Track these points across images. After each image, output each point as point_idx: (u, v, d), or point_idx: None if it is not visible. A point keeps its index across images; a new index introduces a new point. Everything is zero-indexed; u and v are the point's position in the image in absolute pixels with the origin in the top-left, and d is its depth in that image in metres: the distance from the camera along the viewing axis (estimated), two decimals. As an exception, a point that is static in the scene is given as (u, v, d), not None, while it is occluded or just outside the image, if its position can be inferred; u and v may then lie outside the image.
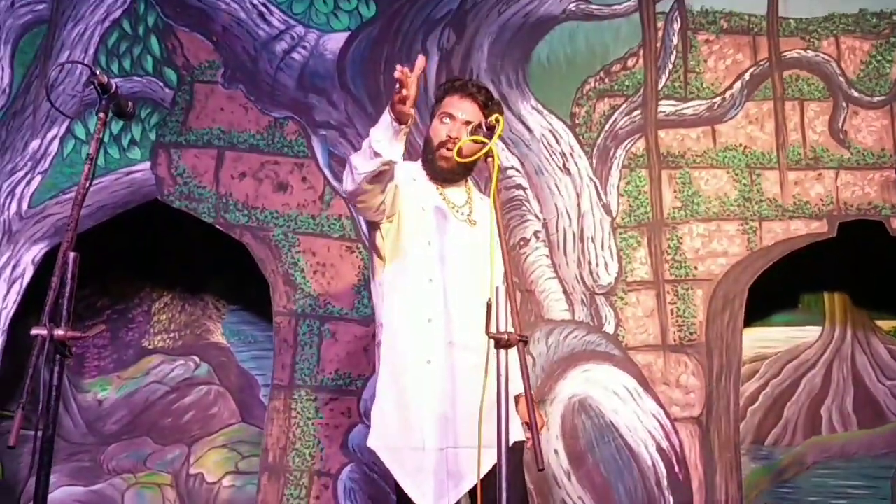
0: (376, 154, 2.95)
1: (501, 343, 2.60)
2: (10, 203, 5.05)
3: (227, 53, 5.29)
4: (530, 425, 2.65)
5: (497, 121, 2.93)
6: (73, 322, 2.40)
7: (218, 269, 5.70)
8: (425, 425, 3.16)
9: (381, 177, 3.06)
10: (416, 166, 3.51)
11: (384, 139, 2.95)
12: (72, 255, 2.42)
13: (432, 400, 3.18)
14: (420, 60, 2.87)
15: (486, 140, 2.93)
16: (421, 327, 3.24)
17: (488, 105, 3.41)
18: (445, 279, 3.27)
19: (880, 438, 5.36)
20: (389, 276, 3.34)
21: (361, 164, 3.03)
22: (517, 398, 3.35)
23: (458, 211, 3.41)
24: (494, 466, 2.76)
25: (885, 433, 5.36)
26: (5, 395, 5.12)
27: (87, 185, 2.56)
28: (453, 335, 3.23)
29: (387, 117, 2.94)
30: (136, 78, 5.24)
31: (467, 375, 3.15)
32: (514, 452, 3.11)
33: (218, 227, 5.09)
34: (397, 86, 2.84)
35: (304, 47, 5.29)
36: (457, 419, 3.16)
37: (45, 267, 5.01)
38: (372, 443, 3.27)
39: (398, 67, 2.82)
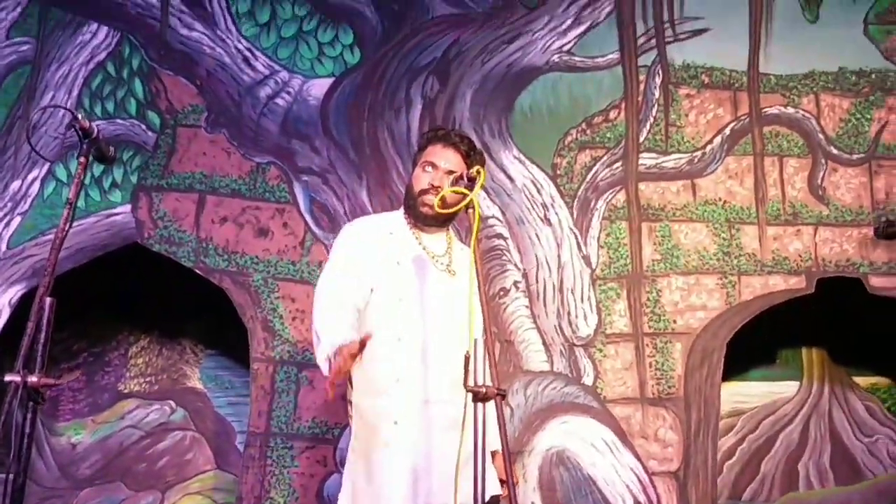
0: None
1: (479, 397, 2.57)
2: (-12, 244, 5.03)
3: (210, 97, 5.29)
4: (505, 482, 2.63)
5: (479, 172, 2.93)
6: (49, 365, 2.38)
7: (196, 314, 5.66)
8: (393, 487, 3.11)
9: None
10: (397, 216, 3.50)
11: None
12: (48, 300, 2.39)
13: (402, 460, 3.13)
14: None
15: (467, 191, 2.92)
16: (388, 387, 3.21)
17: (470, 155, 3.40)
18: (426, 332, 3.25)
19: (857, 495, 5.35)
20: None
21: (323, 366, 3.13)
22: (493, 453, 3.32)
23: (437, 261, 3.39)
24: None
25: (863, 490, 5.35)
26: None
27: (66, 229, 2.54)
28: (429, 392, 3.20)
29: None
30: (119, 120, 5.22)
31: (444, 431, 3.12)
32: (489, 507, 3.09)
33: (197, 271, 5.06)
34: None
35: (288, 92, 5.30)
36: (431, 475, 3.12)
37: (22, 308, 4.97)
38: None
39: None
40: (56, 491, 5.40)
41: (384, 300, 3.28)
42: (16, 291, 5.01)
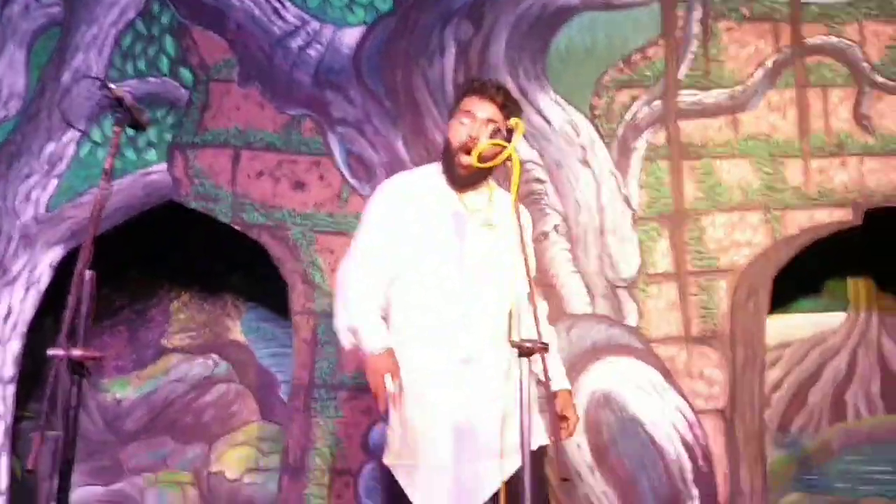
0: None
1: (524, 351, 2.57)
2: (27, 208, 5.03)
3: (242, 51, 5.23)
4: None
5: (516, 124, 2.90)
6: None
7: (237, 266, 5.68)
8: (437, 443, 3.10)
9: None
10: (434, 170, 3.42)
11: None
12: (88, 273, 2.39)
13: (444, 416, 3.13)
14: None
15: (505, 144, 2.89)
16: (426, 347, 3.18)
17: (507, 105, 3.32)
18: (465, 289, 3.20)
19: (909, 422, 5.33)
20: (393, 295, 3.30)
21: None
22: (556, 393, 3.29)
23: (476, 215, 3.33)
24: (513, 475, 2.84)
25: (915, 416, 5.33)
26: (25, 394, 5.09)
27: (103, 202, 2.52)
28: (470, 350, 3.17)
29: None
30: (151, 79, 5.18)
31: (485, 387, 3.12)
32: (536, 458, 3.07)
33: (235, 227, 5.06)
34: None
35: (320, 43, 5.23)
36: (476, 431, 3.11)
37: (62, 271, 4.99)
38: (387, 460, 3.23)
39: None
40: (103, 446, 5.48)
41: (422, 259, 3.24)
42: (56, 253, 5.04)
